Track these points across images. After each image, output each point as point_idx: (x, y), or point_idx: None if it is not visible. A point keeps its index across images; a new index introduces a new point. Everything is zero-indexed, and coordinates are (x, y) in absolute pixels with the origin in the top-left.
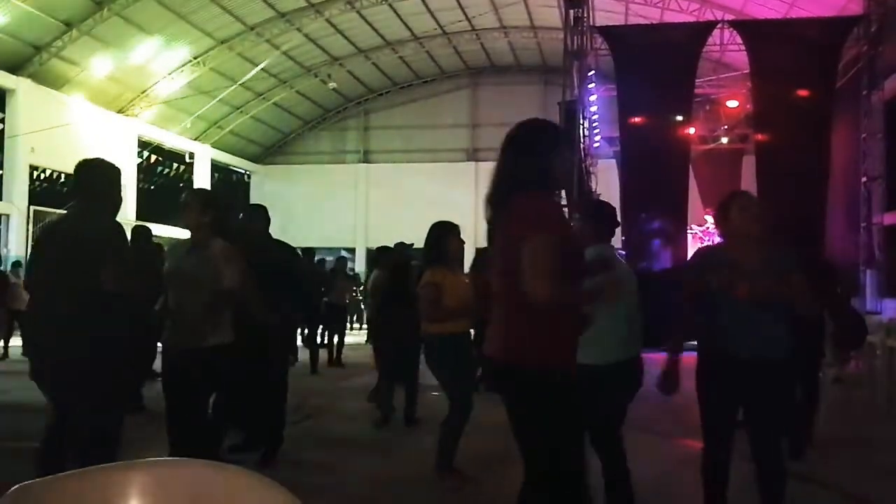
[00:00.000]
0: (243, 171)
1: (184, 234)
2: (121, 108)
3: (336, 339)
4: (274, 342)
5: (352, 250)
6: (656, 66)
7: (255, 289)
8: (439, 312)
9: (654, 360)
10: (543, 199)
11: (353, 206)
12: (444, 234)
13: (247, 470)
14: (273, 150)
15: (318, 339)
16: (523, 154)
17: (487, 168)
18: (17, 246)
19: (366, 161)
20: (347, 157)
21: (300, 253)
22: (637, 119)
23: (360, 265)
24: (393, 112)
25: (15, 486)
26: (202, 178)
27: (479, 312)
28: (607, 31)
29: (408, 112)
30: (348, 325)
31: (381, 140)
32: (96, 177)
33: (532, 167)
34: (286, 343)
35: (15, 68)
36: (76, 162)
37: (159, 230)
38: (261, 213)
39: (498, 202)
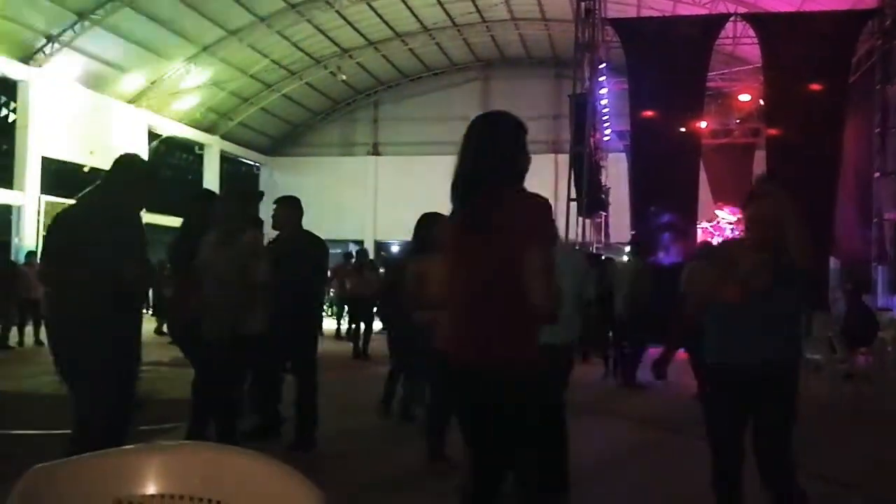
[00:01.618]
0: (252, 163)
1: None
2: (131, 98)
3: (363, 330)
4: (303, 329)
5: (360, 242)
6: (668, 59)
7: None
8: (423, 301)
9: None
10: (543, 200)
11: (361, 198)
12: (430, 225)
13: (261, 454)
14: (282, 142)
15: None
16: (507, 147)
17: None
18: (29, 236)
19: (375, 153)
20: (357, 149)
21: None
22: (648, 112)
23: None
24: (403, 104)
25: (33, 468)
26: (212, 170)
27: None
28: (619, 24)
29: (418, 104)
30: None
31: (391, 132)
32: (117, 171)
33: (514, 161)
34: (315, 331)
35: (26, 59)
36: (86, 152)
37: (168, 221)
38: (293, 204)
39: (485, 193)
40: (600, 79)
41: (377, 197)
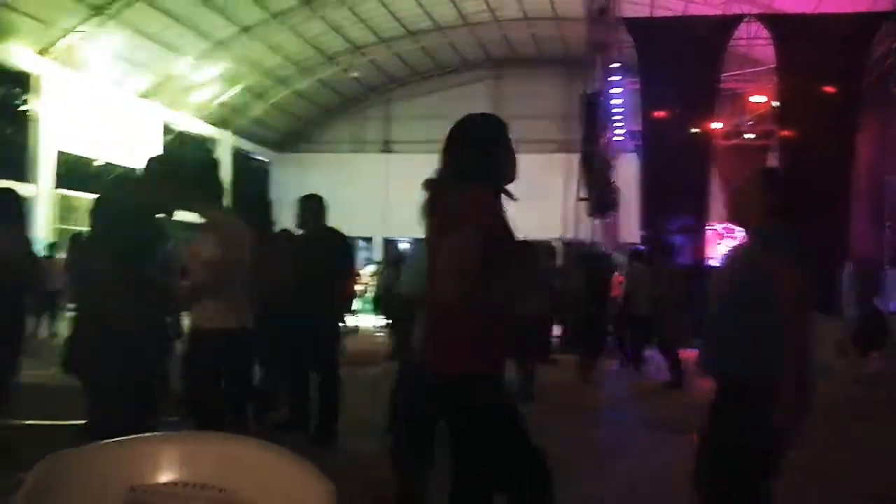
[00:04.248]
0: (263, 159)
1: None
2: (145, 93)
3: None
4: (326, 323)
5: (368, 239)
6: (681, 59)
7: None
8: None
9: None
10: (475, 192)
11: (372, 195)
12: None
13: (273, 445)
14: (294, 139)
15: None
16: (468, 146)
17: None
18: (44, 230)
19: (386, 151)
20: (368, 146)
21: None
22: (660, 113)
23: (376, 254)
24: (415, 102)
25: (48, 455)
26: (223, 165)
27: None
28: (632, 23)
29: (430, 102)
30: None
31: (403, 130)
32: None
33: (473, 160)
34: (338, 326)
35: (42, 52)
36: (101, 146)
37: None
38: (316, 201)
39: (435, 197)
40: (612, 78)
41: (388, 194)
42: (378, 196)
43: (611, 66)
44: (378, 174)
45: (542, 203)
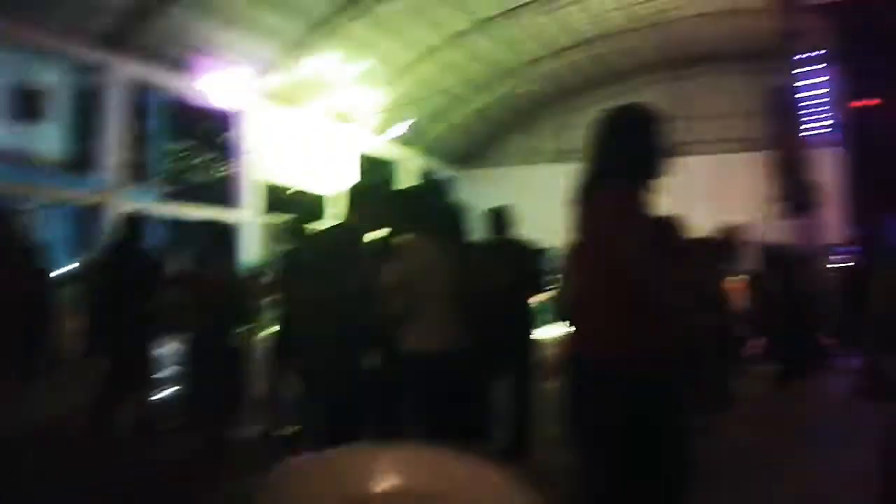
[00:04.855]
0: (447, 176)
1: None
2: (337, 118)
3: None
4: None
5: (546, 250)
6: (887, 44)
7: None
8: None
9: None
10: (622, 194)
11: (549, 206)
12: None
13: (485, 459)
14: (472, 155)
15: None
16: (608, 142)
17: (687, 162)
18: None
19: (561, 161)
20: (540, 157)
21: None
22: (867, 102)
23: (552, 264)
24: (588, 111)
25: (283, 461)
26: (409, 183)
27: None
28: (830, 9)
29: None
30: None
31: (578, 140)
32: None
33: (615, 156)
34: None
35: (247, 88)
36: (299, 175)
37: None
38: (502, 214)
39: (583, 197)
40: (805, 69)
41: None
42: (554, 207)
43: (803, 55)
44: (553, 185)
45: (725, 205)
